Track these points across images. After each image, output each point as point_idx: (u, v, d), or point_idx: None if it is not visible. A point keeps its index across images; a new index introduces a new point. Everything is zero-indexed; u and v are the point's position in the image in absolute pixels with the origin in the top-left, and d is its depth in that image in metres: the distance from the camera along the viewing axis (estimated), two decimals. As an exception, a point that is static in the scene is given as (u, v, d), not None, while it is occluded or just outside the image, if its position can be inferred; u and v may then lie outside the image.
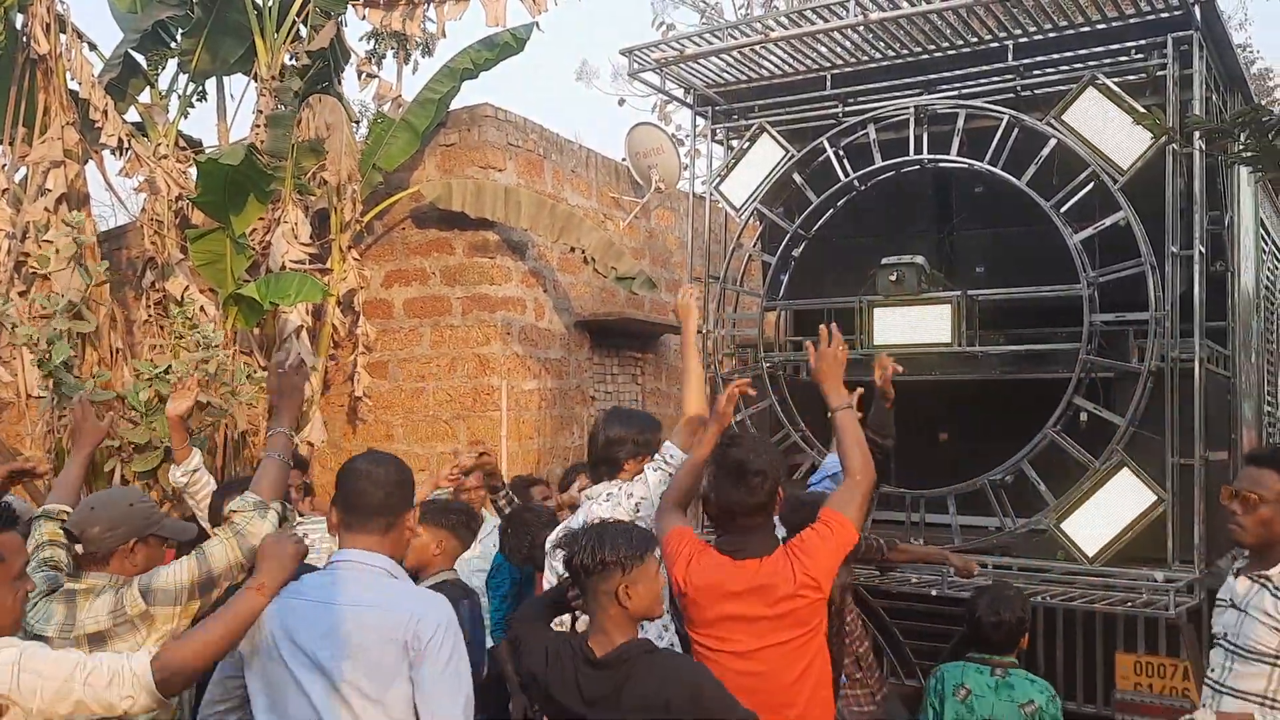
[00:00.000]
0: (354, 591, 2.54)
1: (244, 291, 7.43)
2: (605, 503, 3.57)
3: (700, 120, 6.75)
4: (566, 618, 3.00)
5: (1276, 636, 2.92)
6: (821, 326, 3.51)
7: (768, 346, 6.47)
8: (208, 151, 8.54)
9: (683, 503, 3.28)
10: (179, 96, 9.27)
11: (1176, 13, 5.03)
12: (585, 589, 2.68)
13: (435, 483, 4.79)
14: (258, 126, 8.47)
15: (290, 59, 8.89)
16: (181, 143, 8.98)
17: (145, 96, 9.14)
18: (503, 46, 8.98)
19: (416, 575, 3.67)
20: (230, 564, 2.77)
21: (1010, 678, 3.62)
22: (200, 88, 9.48)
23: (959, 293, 5.62)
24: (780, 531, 3.37)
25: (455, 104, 8.98)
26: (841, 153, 6.09)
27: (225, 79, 9.50)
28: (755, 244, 6.94)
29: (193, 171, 8.30)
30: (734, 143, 6.66)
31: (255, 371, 7.25)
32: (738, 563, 3.00)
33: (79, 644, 2.62)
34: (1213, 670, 3.09)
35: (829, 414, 3.34)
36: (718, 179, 6.53)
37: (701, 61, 6.15)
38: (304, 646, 2.47)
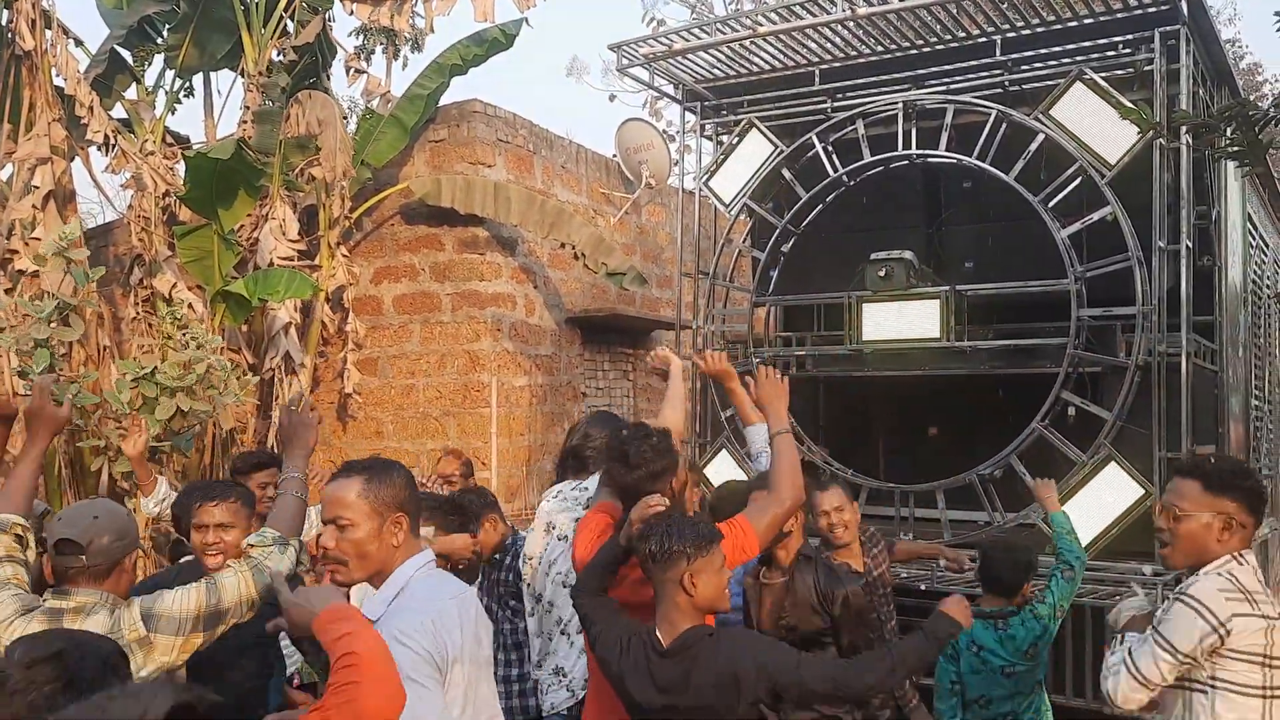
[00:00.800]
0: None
1: (232, 288, 7.40)
2: (554, 499, 3.55)
3: (689, 115, 6.75)
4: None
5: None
6: (759, 366, 3.55)
7: (757, 342, 6.48)
8: (196, 147, 8.50)
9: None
10: (166, 92, 9.23)
11: (1163, 7, 5.04)
12: (653, 578, 2.77)
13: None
14: (245, 123, 8.43)
15: (278, 55, 8.85)
16: (168, 139, 8.94)
17: (132, 93, 9.09)
18: (492, 42, 8.96)
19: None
20: (241, 598, 2.64)
21: (1010, 629, 3.84)
22: (187, 84, 9.42)
23: (947, 288, 5.63)
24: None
25: (444, 100, 8.96)
26: (830, 148, 6.10)
27: (212, 75, 9.47)
28: (745, 239, 6.95)
29: (180, 168, 8.26)
30: (723, 138, 6.66)
31: (243, 370, 7.23)
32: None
33: None
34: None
35: (770, 439, 3.35)
36: (707, 174, 6.53)
37: (690, 56, 6.14)
38: (485, 638, 2.56)
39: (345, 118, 8.86)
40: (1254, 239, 6.99)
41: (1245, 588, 2.65)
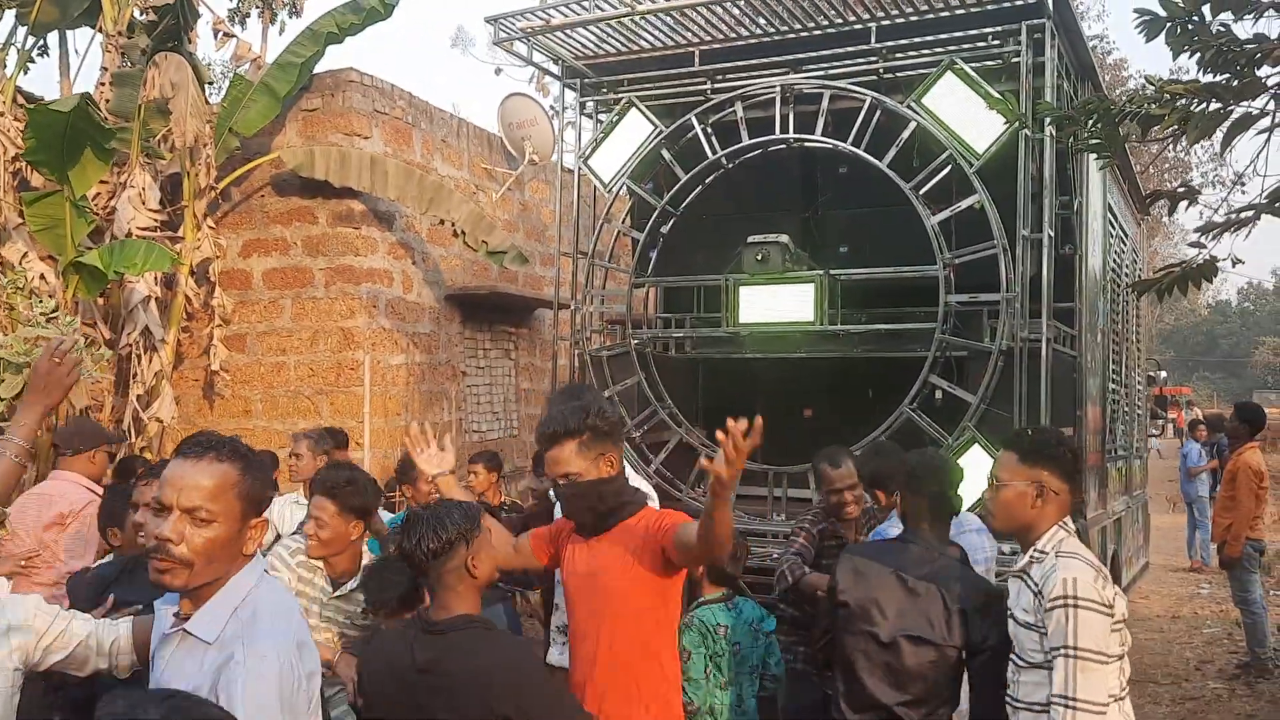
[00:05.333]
0: None
1: (85, 259, 7.00)
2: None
3: (569, 92, 6.65)
4: None
5: (1034, 636, 2.72)
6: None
7: (636, 323, 6.45)
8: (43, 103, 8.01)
9: None
10: (17, 50, 8.66)
11: (1030, 1, 5.15)
12: (431, 572, 2.62)
13: None
14: (103, 85, 7.98)
15: (140, 14, 8.40)
16: (20, 99, 8.40)
17: (-21, 49, 8.52)
18: (370, 11, 8.65)
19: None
20: None
21: (738, 603, 3.99)
22: (41, 41, 8.89)
23: (822, 272, 5.69)
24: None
25: (319, 68, 8.65)
26: (709, 130, 6.09)
27: (69, 33, 8.94)
28: (625, 220, 6.90)
29: (32, 131, 7.77)
30: (604, 116, 6.58)
31: (99, 345, 6.86)
32: None
33: None
34: (1008, 685, 2.88)
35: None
36: (586, 153, 6.45)
37: (570, 32, 6.05)
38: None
39: (211, 82, 8.46)
40: (1113, 229, 7.26)
41: (1090, 561, 2.75)
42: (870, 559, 3.28)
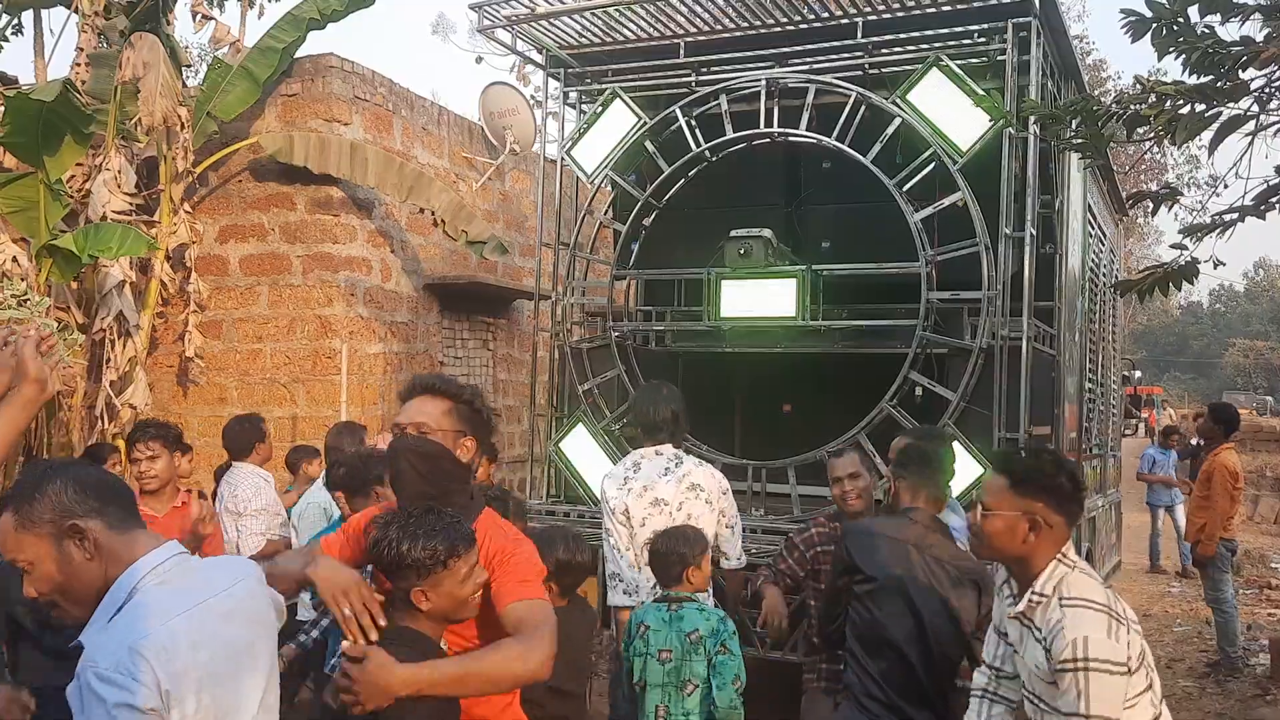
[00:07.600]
0: None
1: (60, 243, 6.90)
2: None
3: (553, 82, 6.60)
4: None
5: (1051, 690, 2.48)
6: None
7: (617, 315, 6.42)
8: (22, 89, 7.88)
9: None
10: (-9, 29, 8.56)
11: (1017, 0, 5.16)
12: (384, 572, 2.46)
13: None
14: (78, 65, 7.86)
15: (117, -7, 8.27)
16: (-7, 79, 8.28)
17: (-50, 27, 8.39)
18: (352, -2, 8.56)
19: None
20: None
21: (682, 610, 3.73)
22: (15, 20, 8.76)
23: (804, 267, 5.68)
24: None
25: (299, 53, 8.55)
26: (694, 122, 6.06)
27: (44, 12, 8.81)
28: (607, 212, 6.87)
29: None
30: (587, 107, 6.55)
31: (71, 330, 6.76)
32: None
33: None
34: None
35: None
36: (569, 144, 6.41)
37: (555, 21, 6.00)
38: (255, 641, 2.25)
39: (189, 65, 8.34)
40: (1093, 229, 7.30)
41: (1104, 606, 2.48)
42: (877, 533, 3.47)
